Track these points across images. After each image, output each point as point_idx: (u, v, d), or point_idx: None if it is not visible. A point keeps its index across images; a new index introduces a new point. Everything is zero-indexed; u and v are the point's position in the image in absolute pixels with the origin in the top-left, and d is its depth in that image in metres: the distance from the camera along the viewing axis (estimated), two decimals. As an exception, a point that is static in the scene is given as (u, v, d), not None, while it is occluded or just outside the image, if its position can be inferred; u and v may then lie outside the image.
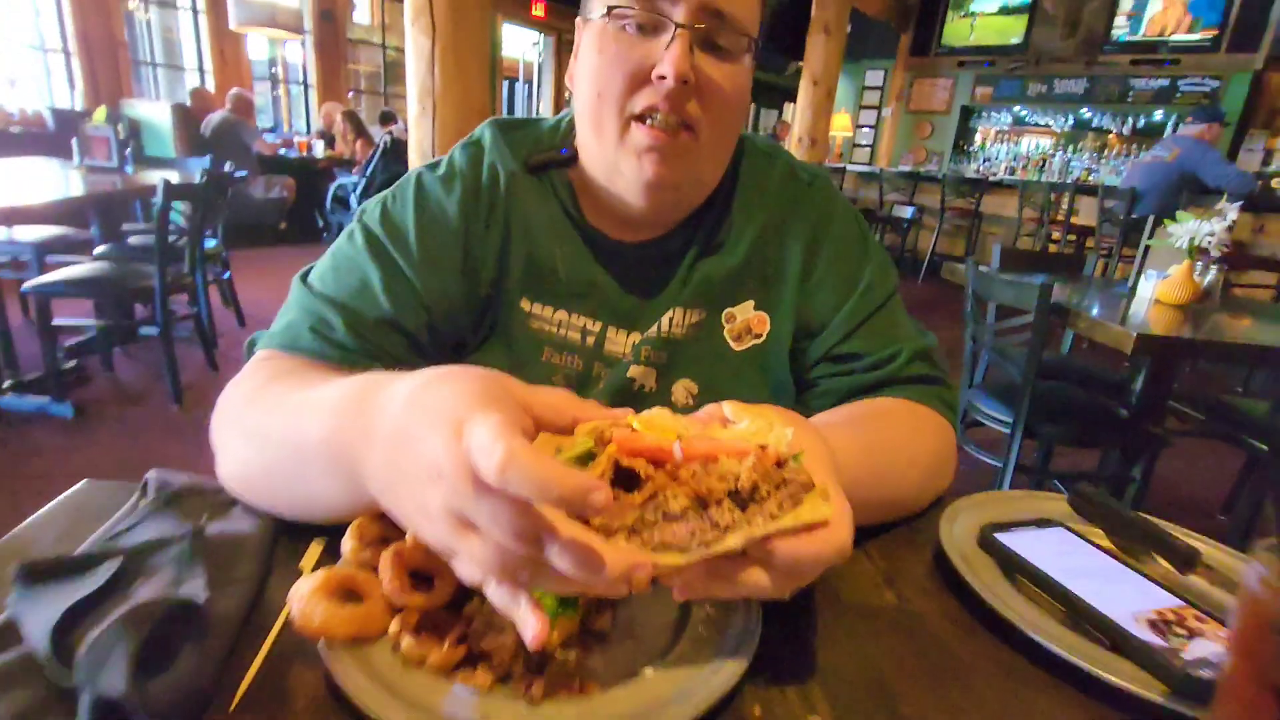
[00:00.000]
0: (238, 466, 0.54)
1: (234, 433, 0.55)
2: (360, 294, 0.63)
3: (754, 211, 0.71)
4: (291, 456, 0.48)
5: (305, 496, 0.49)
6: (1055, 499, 0.66)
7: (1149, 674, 0.42)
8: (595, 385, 0.69)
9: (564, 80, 6.85)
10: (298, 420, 0.48)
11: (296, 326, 0.61)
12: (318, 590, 0.40)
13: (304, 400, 0.49)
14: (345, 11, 7.61)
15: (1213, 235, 1.80)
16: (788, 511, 0.36)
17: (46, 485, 2.01)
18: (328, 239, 6.71)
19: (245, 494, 0.54)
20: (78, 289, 2.50)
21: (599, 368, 0.69)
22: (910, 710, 0.41)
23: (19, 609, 0.39)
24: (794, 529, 0.35)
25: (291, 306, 0.64)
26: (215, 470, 0.56)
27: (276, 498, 0.52)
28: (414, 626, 0.40)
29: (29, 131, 5.06)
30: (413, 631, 0.39)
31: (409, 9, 3.37)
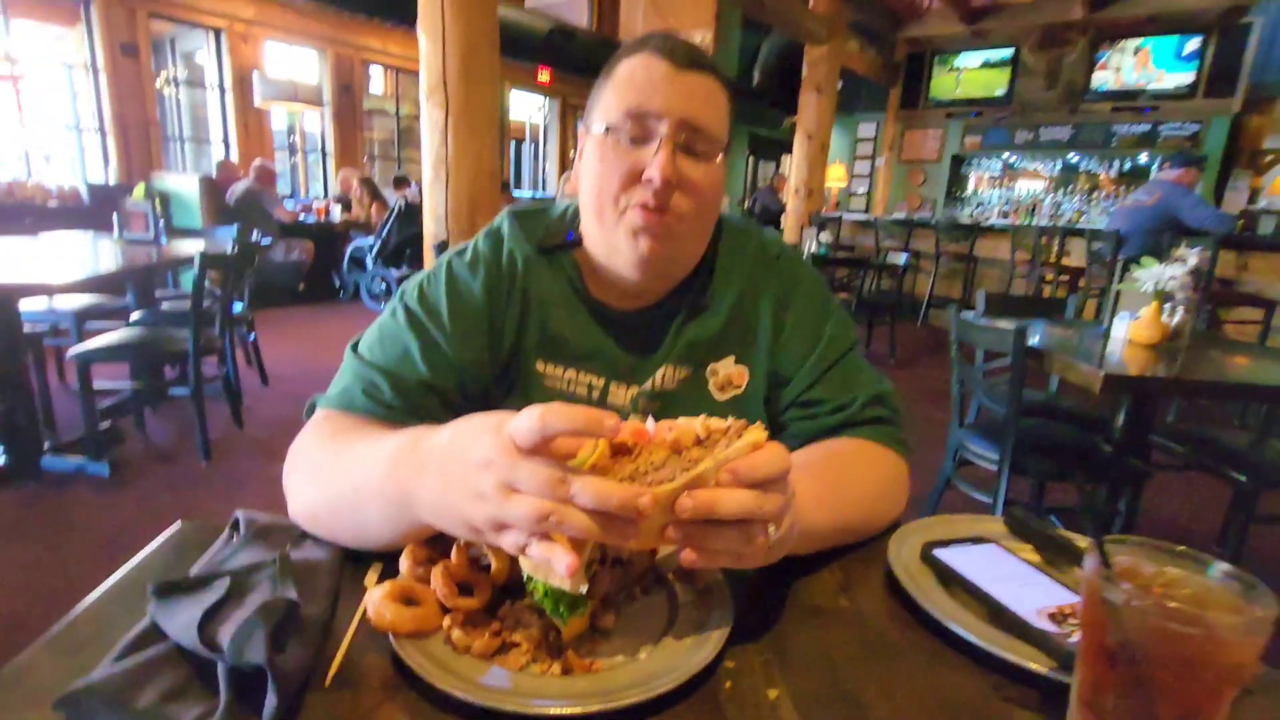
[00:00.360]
0: (307, 505, 0.66)
1: (303, 478, 0.68)
2: (403, 361, 0.76)
3: (731, 281, 0.84)
4: (353, 496, 0.60)
5: (363, 527, 0.61)
6: (994, 521, 0.77)
7: (1042, 653, 0.53)
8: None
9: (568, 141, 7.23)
10: (359, 468, 0.60)
11: (351, 390, 0.74)
12: (386, 596, 0.52)
13: (364, 451, 0.61)
14: (361, 84, 8.04)
15: (1175, 279, 1.93)
16: (735, 441, 0.48)
17: (87, 539, 2.14)
18: (344, 298, 6.95)
19: (313, 528, 0.66)
20: (117, 354, 2.67)
21: None
22: (850, 686, 0.52)
23: (158, 617, 0.51)
24: (745, 450, 0.47)
25: (345, 373, 0.77)
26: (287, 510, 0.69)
27: (339, 529, 0.64)
28: (461, 623, 0.51)
29: (65, 206, 5.36)
30: (460, 626, 0.51)
31: (424, 84, 3.62)
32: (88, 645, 0.51)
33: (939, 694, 0.51)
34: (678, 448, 0.49)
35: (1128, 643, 0.41)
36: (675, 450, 0.49)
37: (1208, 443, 2.18)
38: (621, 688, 0.48)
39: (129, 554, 0.63)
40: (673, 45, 0.73)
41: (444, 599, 0.52)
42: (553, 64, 7.95)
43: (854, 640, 0.57)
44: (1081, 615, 0.46)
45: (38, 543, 2.11)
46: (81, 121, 6.18)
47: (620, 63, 0.75)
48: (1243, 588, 0.43)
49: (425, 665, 0.47)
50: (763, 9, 6.05)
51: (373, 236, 6.48)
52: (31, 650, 0.50)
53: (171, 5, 6.15)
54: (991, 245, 6.85)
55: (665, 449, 0.48)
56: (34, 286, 2.28)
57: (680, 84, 0.71)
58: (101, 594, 0.58)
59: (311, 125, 8.20)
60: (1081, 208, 8.27)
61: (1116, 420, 2.17)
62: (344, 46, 7.56)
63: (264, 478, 2.71)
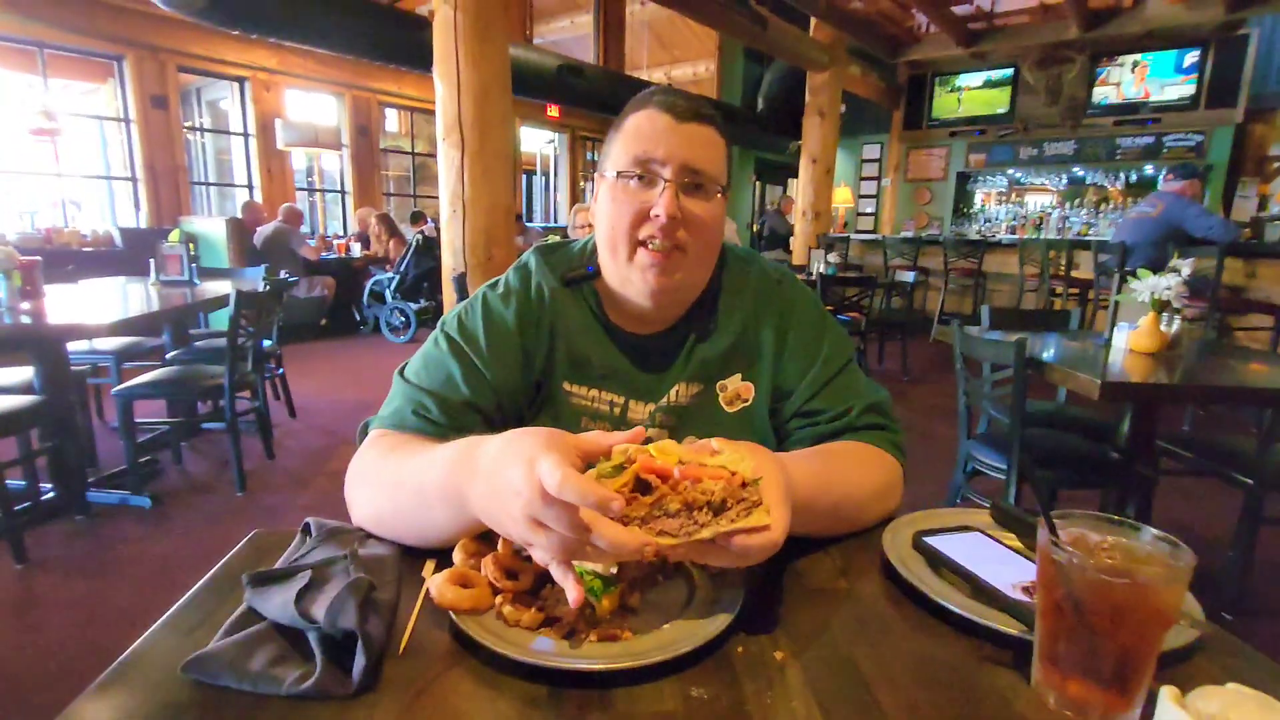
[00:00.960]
0: (372, 510, 0.76)
1: (367, 487, 0.77)
2: (447, 384, 0.86)
3: (736, 305, 0.93)
4: (415, 496, 0.70)
5: (425, 525, 0.71)
6: (980, 513, 0.84)
7: (1013, 619, 0.61)
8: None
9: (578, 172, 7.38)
10: (421, 473, 0.69)
11: (402, 411, 0.84)
12: (446, 580, 0.61)
13: (424, 458, 0.71)
14: (378, 125, 8.33)
15: (1169, 289, 2.00)
16: (741, 519, 0.56)
17: (135, 569, 2.25)
18: (364, 332, 7.12)
19: (377, 529, 0.75)
20: (158, 390, 2.80)
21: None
22: (847, 651, 0.59)
23: (253, 602, 0.60)
24: (745, 529, 0.56)
25: (395, 396, 0.86)
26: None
27: (402, 529, 0.74)
28: (510, 601, 0.60)
29: (99, 251, 5.60)
30: (510, 604, 0.60)
31: (440, 126, 3.80)
32: (197, 628, 0.60)
33: (925, 657, 0.59)
34: (692, 503, 0.56)
35: (1071, 594, 0.49)
36: (688, 504, 0.56)
37: (1214, 448, 2.22)
38: (647, 651, 0.56)
39: (175, 582, 0.73)
40: (673, 100, 0.83)
41: (494, 581, 0.61)
42: (561, 99, 8.18)
43: (851, 614, 0.65)
44: (1037, 577, 0.54)
45: (88, 574, 2.22)
46: (112, 169, 6.47)
47: (628, 117, 0.85)
48: (1169, 547, 0.51)
49: (484, 635, 0.56)
50: (764, 40, 6.24)
51: (391, 271, 6.67)
52: (154, 631, 0.59)
53: (199, 58, 6.45)
54: (1000, 260, 6.90)
55: (681, 501, 0.56)
56: (84, 328, 2.43)
57: (681, 134, 0.81)
58: (199, 589, 0.67)
59: (330, 165, 8.49)
60: (1090, 220, 8.31)
61: (1122, 428, 2.23)
62: (361, 91, 7.86)
63: (296, 506, 2.81)
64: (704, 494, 0.57)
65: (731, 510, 0.56)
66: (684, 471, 0.57)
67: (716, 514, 0.56)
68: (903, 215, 9.82)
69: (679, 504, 0.56)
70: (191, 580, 0.67)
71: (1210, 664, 0.59)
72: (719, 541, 0.56)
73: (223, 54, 6.56)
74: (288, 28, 5.30)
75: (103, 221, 6.31)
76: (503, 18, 3.69)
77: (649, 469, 0.56)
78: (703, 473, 0.58)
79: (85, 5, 5.62)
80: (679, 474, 0.57)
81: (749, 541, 0.56)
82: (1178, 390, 1.81)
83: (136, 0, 4.71)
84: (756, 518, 0.56)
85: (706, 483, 0.57)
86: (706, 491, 0.57)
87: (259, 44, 6.52)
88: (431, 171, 9.09)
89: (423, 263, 6.41)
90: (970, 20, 6.97)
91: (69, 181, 6.25)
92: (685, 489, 0.57)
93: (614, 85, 8.50)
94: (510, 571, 0.64)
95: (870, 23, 7.06)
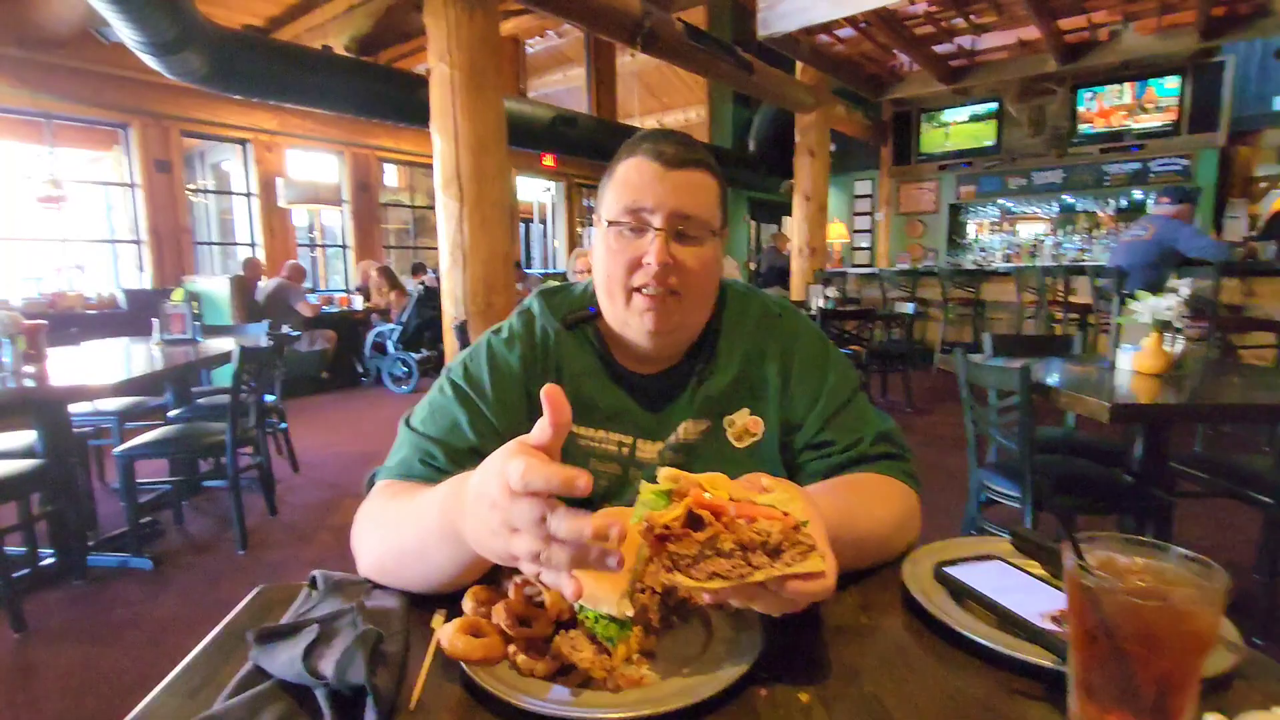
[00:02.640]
0: (375, 557, 0.75)
1: (372, 535, 0.76)
2: (452, 431, 0.85)
3: (738, 341, 0.93)
4: (417, 538, 0.68)
5: (429, 567, 0.69)
6: (1000, 541, 0.83)
7: (1045, 650, 0.59)
8: (631, 485, 0.89)
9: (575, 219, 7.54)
10: (419, 515, 0.68)
11: (409, 460, 0.83)
12: (457, 630, 0.59)
13: (422, 501, 0.69)
14: (377, 180, 8.50)
15: (1170, 309, 2.00)
16: (797, 563, 0.54)
17: (133, 633, 2.20)
18: (366, 383, 7.13)
19: (382, 577, 0.74)
20: (160, 449, 2.79)
21: (633, 471, 0.90)
22: (874, 689, 0.57)
23: (260, 660, 0.59)
24: (799, 574, 0.54)
25: (402, 445, 0.86)
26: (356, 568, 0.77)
27: (406, 575, 0.72)
28: (523, 650, 0.58)
29: (104, 312, 5.65)
30: (524, 653, 0.58)
31: (439, 178, 3.87)
32: (200, 690, 0.58)
33: (953, 692, 0.57)
34: (746, 543, 0.53)
35: (1103, 621, 0.48)
36: (742, 545, 0.53)
37: (1230, 468, 2.19)
38: (666, 697, 0.54)
39: (177, 645, 0.71)
40: (661, 148, 0.83)
41: (507, 629, 0.60)
42: (557, 149, 8.38)
43: (875, 651, 0.63)
44: (1068, 605, 0.52)
45: (87, 640, 2.17)
46: (117, 233, 6.58)
47: (619, 165, 0.86)
48: (1200, 567, 0.49)
49: (497, 686, 0.54)
50: (751, 84, 6.41)
51: (393, 322, 6.72)
52: (155, 695, 0.57)
53: (202, 123, 6.63)
54: (998, 289, 6.95)
55: (734, 540, 0.53)
56: (86, 389, 2.43)
57: (669, 181, 0.82)
58: (202, 649, 0.65)
59: (331, 220, 8.64)
60: (1084, 246, 8.39)
61: (1134, 451, 2.20)
62: (360, 148, 8.05)
63: (300, 561, 2.76)
64: (759, 534, 0.54)
65: (787, 554, 0.54)
66: (739, 510, 0.55)
67: (771, 557, 0.54)
68: (897, 248, 9.93)
69: (732, 543, 0.53)
70: (193, 643, 0.65)
71: (1251, 690, 0.57)
72: (770, 586, 0.54)
73: (225, 118, 6.74)
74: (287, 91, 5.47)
75: (107, 284, 6.39)
76: (497, 73, 3.79)
77: (702, 504, 0.54)
78: (757, 512, 0.55)
79: (92, 78, 5.80)
80: (734, 511, 0.55)
81: (803, 588, 0.54)
82: (1189, 410, 1.79)
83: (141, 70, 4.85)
84: (812, 563, 0.54)
85: (761, 523, 0.55)
86: (762, 532, 0.54)
87: (260, 107, 6.70)
88: (431, 223, 9.25)
89: (424, 313, 6.45)
90: (951, 58, 7.17)
91: (74, 246, 6.35)
92: (740, 528, 0.54)
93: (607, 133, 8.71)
94: (523, 619, 0.62)
95: (853, 64, 7.26)
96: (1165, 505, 2.01)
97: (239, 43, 4.94)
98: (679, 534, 0.53)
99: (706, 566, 0.53)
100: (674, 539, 0.53)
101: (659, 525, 0.53)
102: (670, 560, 0.53)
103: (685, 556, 0.53)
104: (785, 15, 5.62)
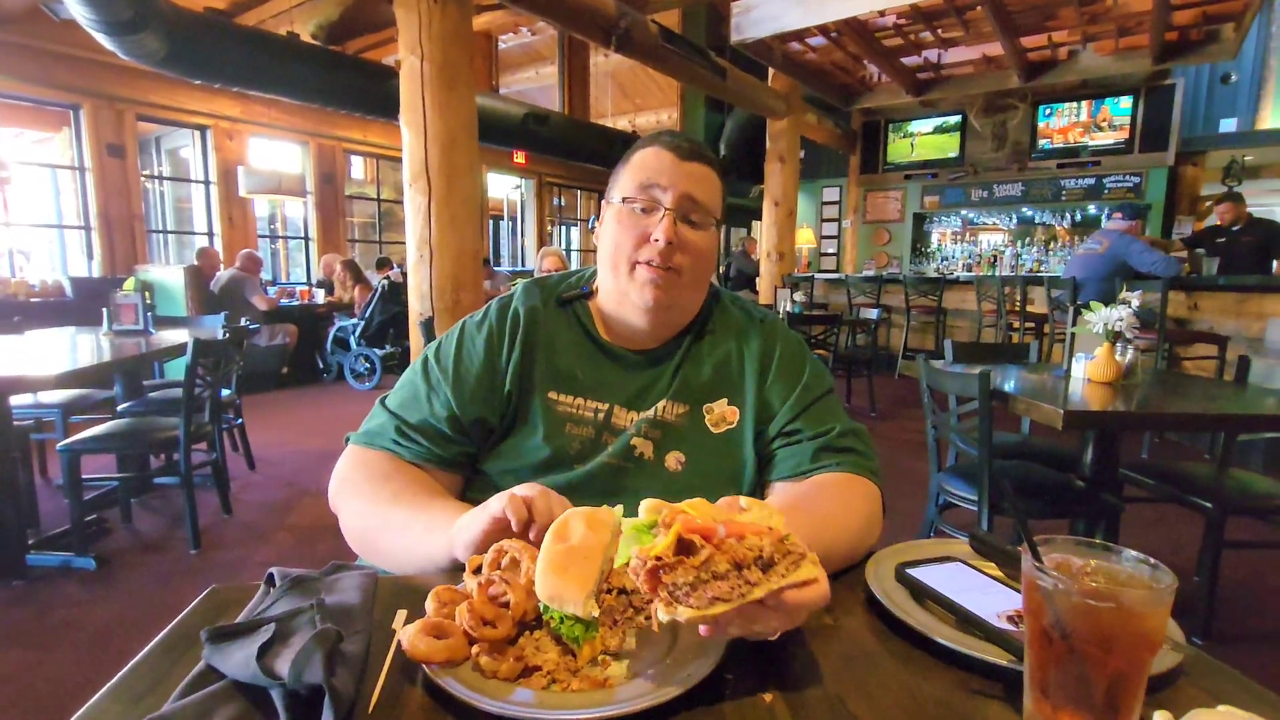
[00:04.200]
0: (357, 534, 0.86)
1: (351, 506, 0.87)
2: (410, 404, 0.94)
3: (722, 337, 0.99)
4: (399, 534, 0.80)
5: (401, 550, 0.80)
6: (960, 543, 0.84)
7: (1001, 649, 0.60)
8: (604, 449, 0.92)
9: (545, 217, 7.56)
10: (407, 526, 0.80)
11: (373, 432, 0.93)
12: (419, 631, 0.58)
13: (410, 514, 0.81)
14: (343, 172, 8.32)
15: (1121, 320, 2.08)
16: (791, 573, 0.54)
17: (77, 636, 2.11)
18: (328, 379, 6.97)
19: (359, 546, 0.86)
20: (108, 444, 2.68)
21: (607, 436, 0.93)
22: (836, 688, 0.58)
23: (212, 659, 0.57)
24: (797, 584, 0.54)
25: (373, 416, 0.96)
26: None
27: (380, 550, 0.83)
28: (487, 651, 0.58)
29: (48, 301, 5.41)
30: (487, 654, 0.57)
31: (407, 171, 3.81)
32: (147, 695, 0.56)
33: (914, 691, 0.58)
34: (740, 561, 0.53)
35: (1059, 621, 0.49)
36: (736, 563, 0.53)
37: (1174, 475, 2.28)
38: (632, 697, 0.54)
39: (122, 649, 0.69)
40: (678, 141, 0.93)
41: (470, 630, 0.59)
42: (528, 146, 8.31)
43: (838, 651, 0.64)
44: (1024, 605, 0.54)
45: (26, 643, 2.07)
46: (65, 218, 6.32)
47: (636, 152, 0.95)
48: (1150, 570, 0.51)
49: (459, 688, 0.53)
50: (724, 89, 6.46)
51: (356, 318, 6.58)
52: (96, 700, 0.55)
53: (159, 107, 6.40)
54: (959, 297, 7.12)
55: (729, 560, 0.53)
56: (27, 380, 2.32)
57: (682, 169, 0.91)
58: (149, 650, 0.63)
59: (293, 211, 8.43)
60: (1040, 257, 8.66)
61: (1086, 457, 2.27)
62: (325, 139, 7.87)
63: (254, 561, 2.69)
64: (751, 550, 0.54)
65: (779, 565, 0.54)
66: (728, 530, 0.55)
67: (764, 571, 0.54)
68: (864, 255, 10.10)
69: (727, 564, 0.53)
70: (140, 646, 0.63)
71: (1194, 688, 0.59)
72: (767, 602, 0.53)
73: (184, 103, 6.52)
74: (249, 78, 5.32)
75: (53, 271, 6.12)
76: (469, 68, 3.75)
77: (692, 528, 0.54)
78: (744, 529, 0.56)
79: (42, 56, 5.56)
80: (724, 531, 0.54)
81: (801, 596, 0.54)
82: (1138, 418, 1.86)
83: (94, 50, 4.67)
84: (806, 571, 0.54)
85: (750, 538, 0.55)
86: (754, 547, 0.54)
87: (222, 93, 6.51)
88: (397, 218, 9.09)
89: (388, 308, 6.34)
90: (919, 70, 7.33)
91: (17, 230, 6.07)
92: (732, 547, 0.54)
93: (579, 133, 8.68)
94: (487, 620, 0.61)
95: (824, 72, 7.37)
96: (1114, 510, 2.09)
97: (200, 25, 4.79)
98: (673, 563, 0.52)
99: (705, 592, 0.52)
100: (668, 569, 0.52)
101: (651, 557, 0.52)
102: (668, 593, 0.52)
103: (682, 585, 0.52)
104: (758, 21, 5.68)
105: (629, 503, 0.88)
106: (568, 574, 0.57)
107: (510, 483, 0.90)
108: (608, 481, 0.90)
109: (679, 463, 0.93)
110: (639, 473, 0.91)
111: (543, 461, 0.90)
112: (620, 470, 0.91)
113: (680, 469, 0.92)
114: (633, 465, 0.91)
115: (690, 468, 0.92)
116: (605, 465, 0.91)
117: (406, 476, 0.88)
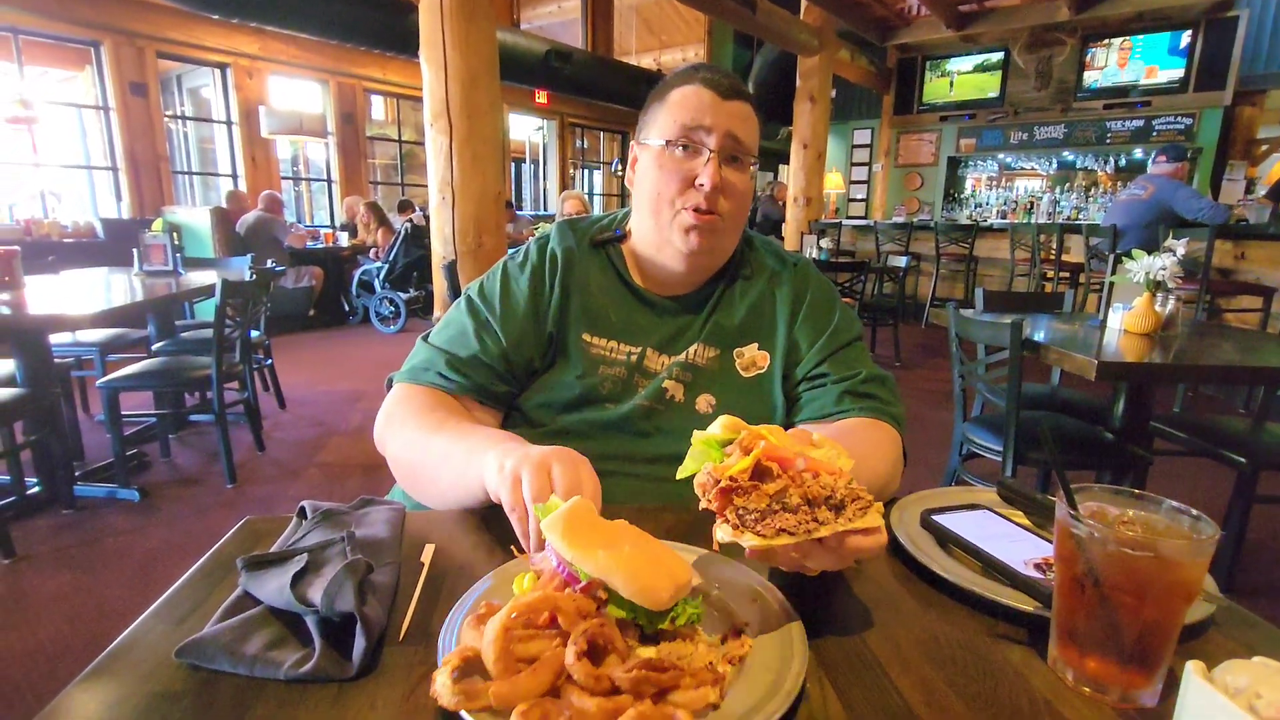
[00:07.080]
0: (405, 468, 0.86)
1: (398, 441, 0.86)
2: (458, 339, 0.93)
3: (755, 281, 0.99)
4: (441, 465, 0.79)
5: (446, 481, 0.79)
6: (986, 491, 0.83)
7: (1026, 595, 0.60)
8: (635, 391, 0.93)
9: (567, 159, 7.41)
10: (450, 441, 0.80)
11: (418, 369, 0.92)
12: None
13: (451, 442, 0.79)
14: (364, 112, 8.21)
15: (1164, 269, 2.00)
16: (858, 519, 0.52)
17: (122, 561, 2.22)
18: (353, 322, 7.06)
19: (406, 481, 0.86)
20: (144, 382, 2.76)
21: (638, 378, 0.94)
22: (859, 631, 0.58)
23: (249, 586, 0.58)
24: (861, 530, 0.52)
25: (416, 354, 0.95)
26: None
27: (421, 481, 0.83)
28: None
29: (80, 242, 5.50)
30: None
31: (428, 111, 3.74)
32: (188, 617, 0.58)
33: (938, 636, 0.58)
34: (813, 498, 0.52)
35: (1092, 570, 0.48)
36: (808, 499, 0.52)
37: (1208, 428, 2.23)
38: None
39: (165, 574, 0.70)
40: (717, 78, 0.89)
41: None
42: (550, 85, 8.09)
43: (861, 595, 0.64)
44: (1055, 552, 0.53)
45: (76, 567, 2.18)
46: (92, 159, 6.35)
47: (672, 90, 0.91)
48: (1190, 520, 0.50)
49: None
50: (753, 24, 6.18)
51: (380, 260, 6.60)
52: (141, 621, 0.57)
53: (179, 44, 6.33)
54: (991, 245, 6.91)
55: (801, 495, 0.52)
56: (66, 319, 2.37)
57: (723, 109, 0.88)
58: (189, 576, 0.65)
59: (316, 154, 8.38)
60: (1079, 204, 8.33)
61: (1116, 409, 2.23)
62: (346, 77, 7.74)
63: (287, 496, 2.78)
64: (824, 489, 0.52)
65: (849, 509, 0.52)
66: (807, 465, 0.53)
67: (834, 512, 0.52)
68: (894, 200, 9.81)
69: (799, 498, 0.52)
70: (181, 572, 0.65)
71: (1226, 639, 0.58)
72: (828, 542, 0.52)
73: (203, 39, 6.43)
74: (269, 12, 5.21)
75: (83, 212, 6.19)
76: (489, 1, 3.62)
77: (772, 456, 0.52)
78: (819, 465, 0.54)
79: (61, -11, 5.49)
80: (802, 464, 0.53)
81: (862, 544, 0.53)
82: (1174, 370, 1.81)
83: (113, -16, 4.59)
84: (872, 518, 0.52)
85: (824, 477, 0.53)
86: (826, 486, 0.53)
87: (240, 29, 6.40)
88: (419, 160, 8.99)
89: (411, 251, 6.34)
90: (961, 2, 6.93)
91: (48, 172, 6.13)
92: (807, 482, 0.53)
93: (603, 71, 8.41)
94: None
95: (860, 5, 7.00)
96: (1142, 462, 2.05)
97: (216, -43, 4.67)
98: (748, 487, 0.51)
99: (774, 522, 0.50)
100: (740, 492, 0.51)
101: (725, 476, 0.51)
102: (736, 516, 0.50)
103: (753, 511, 0.51)
104: (792, -51, 5.37)
105: (658, 441, 0.89)
106: (660, 567, 0.49)
107: (545, 416, 0.91)
108: (639, 422, 0.91)
109: (709, 405, 0.93)
110: (669, 413, 0.92)
111: (576, 399, 0.91)
112: (651, 411, 0.91)
113: (710, 411, 0.93)
114: (663, 407, 0.92)
115: (720, 410, 0.91)
116: (638, 407, 0.91)
117: (449, 407, 0.88)
